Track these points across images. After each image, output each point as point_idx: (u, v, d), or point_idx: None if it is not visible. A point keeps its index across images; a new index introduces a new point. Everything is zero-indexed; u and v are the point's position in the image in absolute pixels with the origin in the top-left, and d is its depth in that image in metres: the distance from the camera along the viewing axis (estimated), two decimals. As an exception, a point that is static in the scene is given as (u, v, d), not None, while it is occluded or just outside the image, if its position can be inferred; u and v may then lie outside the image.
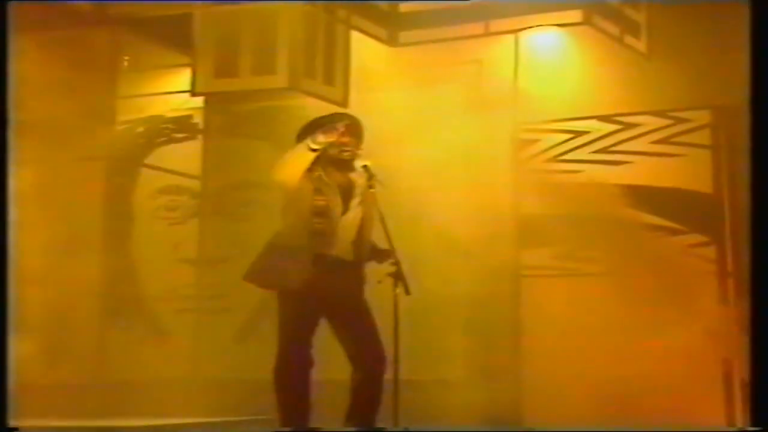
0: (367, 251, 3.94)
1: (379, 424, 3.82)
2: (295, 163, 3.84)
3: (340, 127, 3.86)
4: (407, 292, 3.78)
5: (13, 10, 3.74)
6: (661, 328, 5.12)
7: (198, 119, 6.65)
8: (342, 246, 3.88)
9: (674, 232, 5.50)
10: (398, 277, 3.81)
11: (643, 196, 5.52)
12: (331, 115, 4.15)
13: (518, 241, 5.74)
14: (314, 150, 3.81)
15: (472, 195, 5.73)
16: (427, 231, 5.38)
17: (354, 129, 4.00)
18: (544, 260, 5.69)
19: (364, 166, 3.92)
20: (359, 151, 3.97)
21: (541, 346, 5.49)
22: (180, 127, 6.71)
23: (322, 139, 3.81)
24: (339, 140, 3.90)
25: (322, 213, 3.82)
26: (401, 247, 3.94)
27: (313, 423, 3.83)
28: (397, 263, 3.80)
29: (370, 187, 3.88)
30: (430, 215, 5.39)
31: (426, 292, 4.68)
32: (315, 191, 3.85)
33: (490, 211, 5.66)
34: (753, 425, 3.20)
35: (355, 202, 3.94)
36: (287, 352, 3.80)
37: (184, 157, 6.63)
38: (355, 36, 5.84)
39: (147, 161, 6.74)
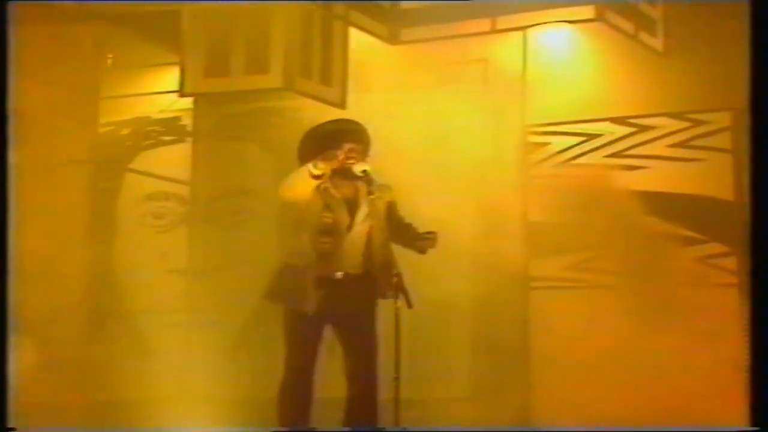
0: (377, 265, 3.96)
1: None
2: (299, 187, 3.91)
3: (341, 153, 3.91)
4: (409, 305, 3.78)
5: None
6: (679, 347, 5.05)
7: (187, 121, 6.62)
8: (350, 261, 3.95)
9: (693, 241, 5.44)
10: (400, 289, 3.80)
11: (659, 203, 5.47)
12: (335, 121, 4.17)
13: (526, 251, 5.68)
14: (316, 176, 3.87)
15: (477, 201, 5.71)
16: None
17: (360, 136, 4.03)
18: (554, 271, 5.64)
19: (364, 172, 3.92)
20: (366, 158, 4.00)
21: (552, 365, 5.42)
22: (168, 130, 6.69)
23: (322, 165, 3.87)
24: (347, 147, 3.94)
25: (330, 231, 3.91)
26: (402, 257, 3.91)
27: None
28: (398, 275, 3.82)
29: (370, 193, 3.91)
30: (433, 223, 5.32)
31: (429, 306, 4.64)
32: (324, 207, 3.91)
33: (496, 218, 5.63)
34: (753, 425, 3.30)
35: (361, 214, 3.98)
36: (294, 368, 3.91)
37: (172, 161, 6.60)
38: (354, 33, 5.78)
39: (132, 166, 6.72)
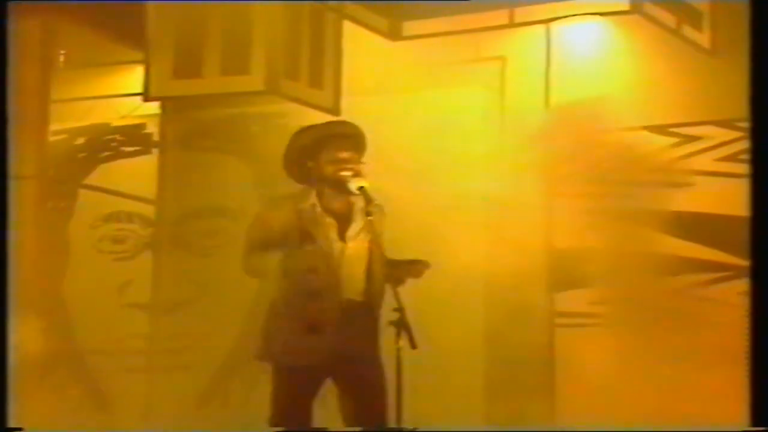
0: (380, 288, 3.96)
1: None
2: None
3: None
4: (413, 345, 3.76)
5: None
6: (730, 396, 5.02)
7: (152, 129, 6.64)
8: (350, 285, 3.93)
9: (746, 272, 5.44)
10: (402, 326, 3.78)
11: (705, 227, 5.44)
12: (327, 124, 4.17)
13: (551, 282, 5.67)
14: None
15: (493, 223, 5.67)
16: (438, 269, 5.29)
17: (354, 142, 4.03)
18: (583, 306, 5.60)
19: (360, 188, 3.93)
20: (361, 166, 3.99)
21: (581, 414, 5.37)
22: (130, 139, 6.71)
23: None
24: (337, 156, 3.93)
25: (315, 268, 3.86)
26: (407, 289, 3.91)
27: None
28: (400, 310, 3.79)
29: (368, 214, 3.90)
30: (443, 250, 5.34)
31: (437, 347, 4.61)
32: (302, 236, 3.87)
33: (516, 243, 5.57)
34: (753, 425, 3.52)
35: (354, 230, 3.96)
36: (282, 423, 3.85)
37: (135, 176, 6.60)
38: (349, 27, 5.79)
39: (88, 181, 6.71)
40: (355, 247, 3.94)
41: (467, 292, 5.65)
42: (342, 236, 3.95)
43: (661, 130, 5.63)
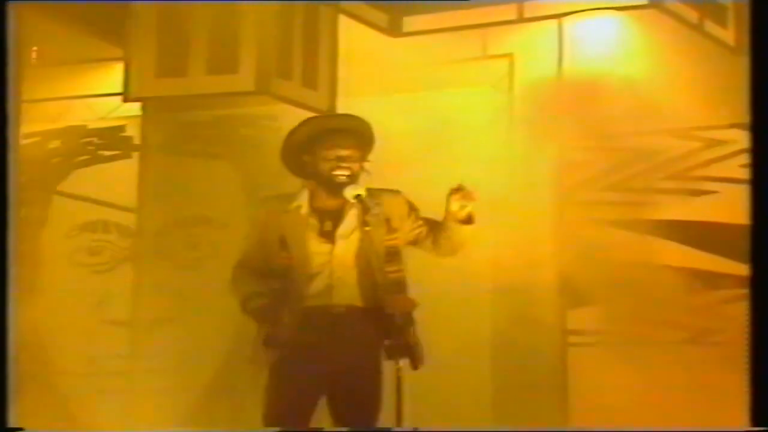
0: (376, 292, 3.87)
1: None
2: None
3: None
4: (414, 365, 3.73)
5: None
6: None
7: (132, 132, 6.61)
8: (342, 289, 3.86)
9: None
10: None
11: (732, 238, 5.36)
12: (328, 117, 4.17)
13: (563, 297, 5.65)
14: None
15: (501, 235, 5.61)
16: (442, 284, 5.23)
17: (356, 138, 3.98)
18: (598, 323, 5.59)
19: (357, 196, 3.88)
20: (365, 164, 3.95)
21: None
22: (108, 142, 6.68)
23: None
24: (334, 153, 3.90)
25: (284, 272, 3.85)
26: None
27: None
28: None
29: (365, 224, 3.86)
30: (447, 263, 5.31)
31: (441, 367, 4.58)
32: (280, 243, 3.87)
33: (525, 255, 5.56)
34: (753, 425, 3.64)
35: (347, 227, 3.91)
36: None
37: (114, 182, 6.56)
38: (345, 23, 5.78)
39: (62, 187, 6.69)
40: (346, 246, 3.89)
41: (472, 309, 5.64)
42: (331, 236, 3.90)
43: (683, 133, 5.63)
